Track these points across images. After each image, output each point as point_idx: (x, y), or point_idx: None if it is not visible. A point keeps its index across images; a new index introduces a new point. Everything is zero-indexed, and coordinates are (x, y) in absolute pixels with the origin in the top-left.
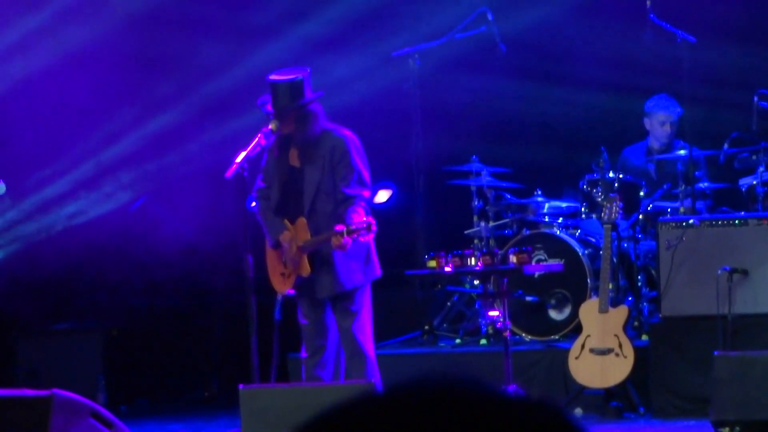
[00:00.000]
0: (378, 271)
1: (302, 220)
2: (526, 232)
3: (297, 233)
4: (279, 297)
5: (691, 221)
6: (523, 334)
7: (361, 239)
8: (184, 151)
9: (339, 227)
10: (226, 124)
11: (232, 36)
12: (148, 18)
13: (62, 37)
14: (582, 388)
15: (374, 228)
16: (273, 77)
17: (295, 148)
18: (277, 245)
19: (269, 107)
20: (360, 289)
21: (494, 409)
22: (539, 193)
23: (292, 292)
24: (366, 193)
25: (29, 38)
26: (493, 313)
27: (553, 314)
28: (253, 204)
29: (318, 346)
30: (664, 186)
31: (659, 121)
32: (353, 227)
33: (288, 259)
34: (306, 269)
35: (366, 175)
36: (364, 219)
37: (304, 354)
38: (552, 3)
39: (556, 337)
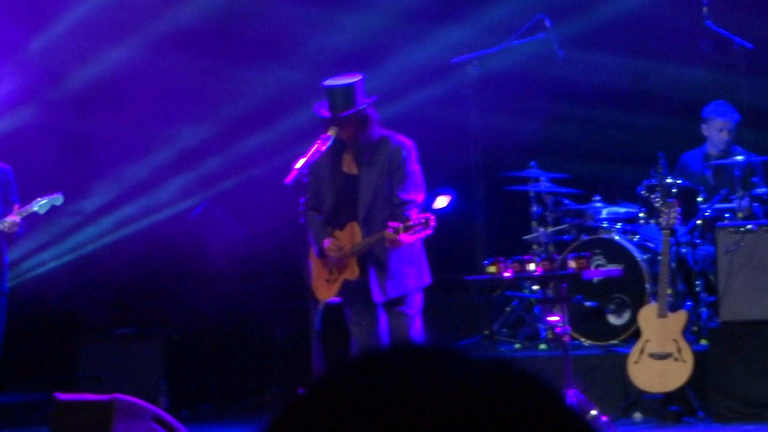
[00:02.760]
0: (428, 279)
1: (354, 225)
2: (584, 237)
3: (349, 238)
4: (320, 306)
5: (749, 226)
6: (583, 339)
7: (419, 235)
8: (245, 158)
9: (394, 224)
10: (287, 130)
11: (290, 46)
12: (211, 35)
13: (128, 47)
14: (641, 393)
15: (432, 223)
16: (328, 83)
17: (350, 153)
18: (322, 254)
19: (325, 113)
20: (414, 294)
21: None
22: (598, 198)
23: (336, 300)
24: (420, 198)
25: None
26: (553, 318)
27: (612, 319)
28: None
29: None
30: (722, 192)
31: (717, 128)
32: (411, 223)
33: (334, 263)
34: (354, 272)
35: (422, 181)
36: (422, 215)
37: None
38: (609, 11)
39: (616, 341)
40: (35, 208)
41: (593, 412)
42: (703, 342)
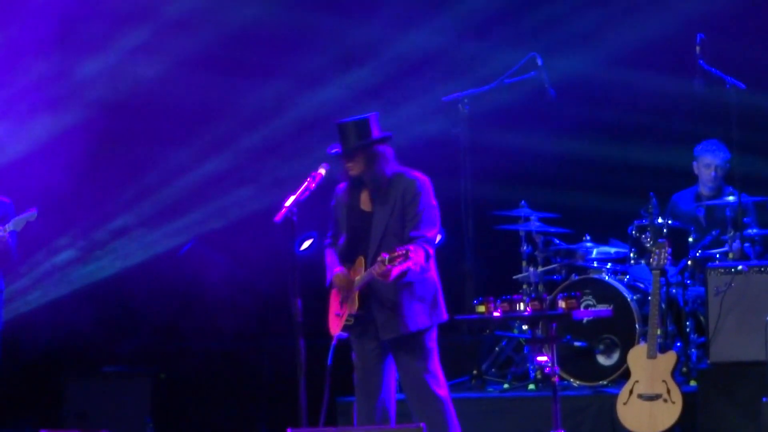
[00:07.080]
0: (444, 315)
1: (360, 259)
2: (574, 277)
3: (355, 272)
4: (333, 341)
5: (739, 267)
6: (572, 380)
7: (401, 267)
8: (235, 195)
9: (383, 254)
10: (276, 167)
11: (283, 81)
12: (199, 63)
13: (116, 78)
14: None
15: (411, 256)
16: (341, 120)
17: (367, 191)
18: (330, 286)
19: (337, 149)
20: (427, 332)
21: None
22: (588, 238)
23: (344, 335)
24: (431, 234)
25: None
26: (542, 359)
27: (602, 360)
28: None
29: (373, 390)
30: (713, 232)
31: (705, 165)
32: (394, 254)
33: (342, 296)
34: (353, 306)
35: (434, 216)
36: (404, 246)
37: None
38: (602, 49)
39: (605, 382)
40: (11, 227)
41: None
42: (693, 383)
